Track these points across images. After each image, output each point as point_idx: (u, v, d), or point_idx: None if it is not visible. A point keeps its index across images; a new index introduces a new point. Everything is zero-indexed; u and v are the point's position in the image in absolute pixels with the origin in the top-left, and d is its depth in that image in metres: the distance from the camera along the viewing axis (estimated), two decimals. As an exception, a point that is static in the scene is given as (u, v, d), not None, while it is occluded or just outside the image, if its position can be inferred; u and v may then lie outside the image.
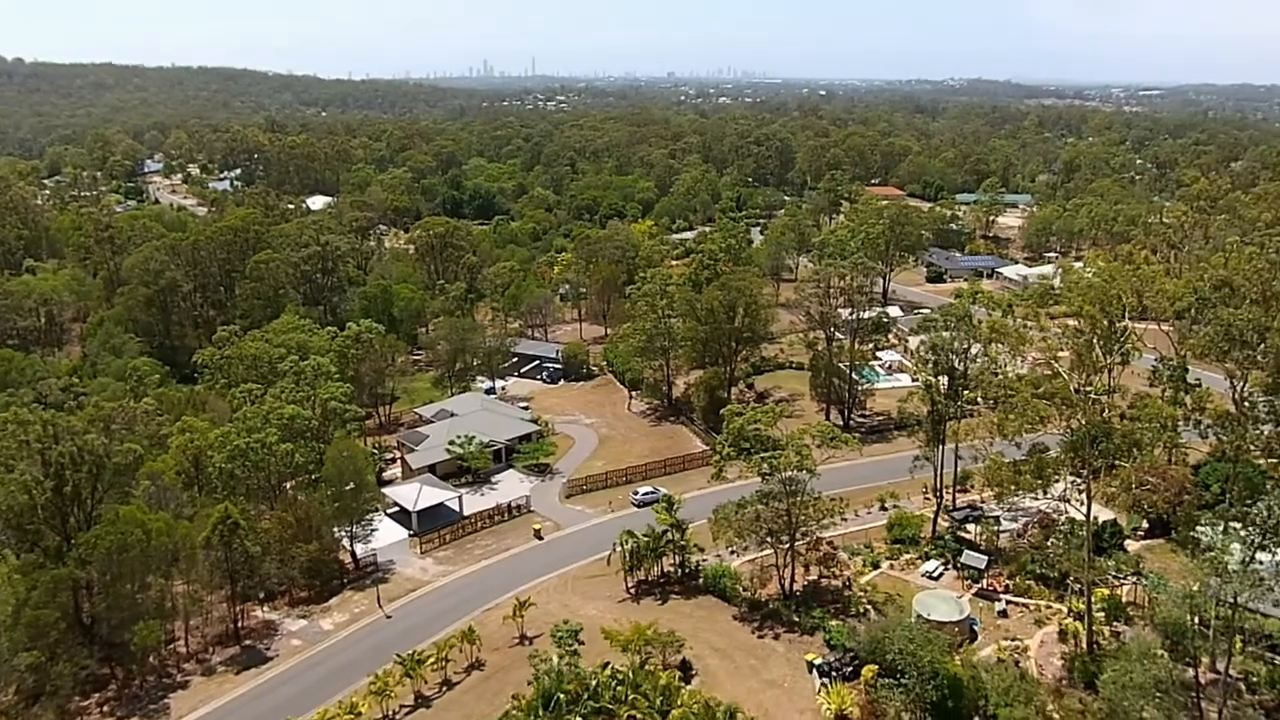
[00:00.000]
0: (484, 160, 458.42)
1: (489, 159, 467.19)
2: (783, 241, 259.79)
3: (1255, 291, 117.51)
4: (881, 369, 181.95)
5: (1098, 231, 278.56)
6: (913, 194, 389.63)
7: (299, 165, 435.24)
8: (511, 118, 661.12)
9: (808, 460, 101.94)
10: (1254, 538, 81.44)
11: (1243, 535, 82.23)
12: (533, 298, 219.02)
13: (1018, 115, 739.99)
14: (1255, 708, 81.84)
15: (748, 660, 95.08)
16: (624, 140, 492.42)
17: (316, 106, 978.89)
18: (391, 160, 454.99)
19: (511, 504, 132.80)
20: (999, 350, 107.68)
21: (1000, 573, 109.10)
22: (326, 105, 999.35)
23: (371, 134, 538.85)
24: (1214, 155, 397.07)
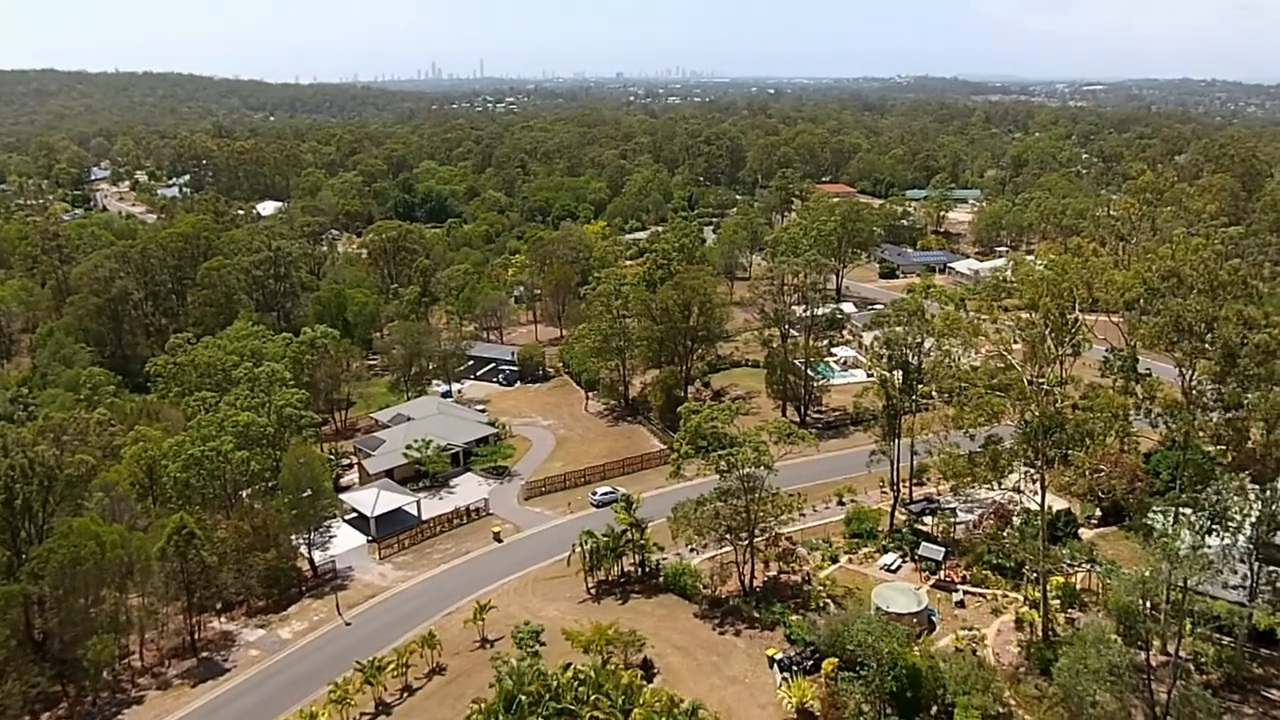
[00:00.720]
0: (435, 163, 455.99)
1: (440, 162, 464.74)
2: (736, 240, 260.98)
3: (1202, 282, 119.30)
4: (837, 365, 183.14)
5: (1047, 225, 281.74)
6: (864, 191, 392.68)
7: (248, 171, 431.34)
8: (461, 120, 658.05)
9: (765, 457, 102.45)
10: (1203, 523, 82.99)
11: (1192, 520, 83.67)
12: (487, 300, 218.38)
13: (965, 111, 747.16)
14: (1203, 687, 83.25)
15: (709, 657, 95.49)
16: (575, 141, 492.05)
17: (264, 111, 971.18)
18: (342, 164, 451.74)
19: (470, 507, 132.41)
20: (952, 344, 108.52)
21: (957, 564, 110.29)
22: (274, 110, 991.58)
23: (321, 138, 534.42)
24: (1158, 149, 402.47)
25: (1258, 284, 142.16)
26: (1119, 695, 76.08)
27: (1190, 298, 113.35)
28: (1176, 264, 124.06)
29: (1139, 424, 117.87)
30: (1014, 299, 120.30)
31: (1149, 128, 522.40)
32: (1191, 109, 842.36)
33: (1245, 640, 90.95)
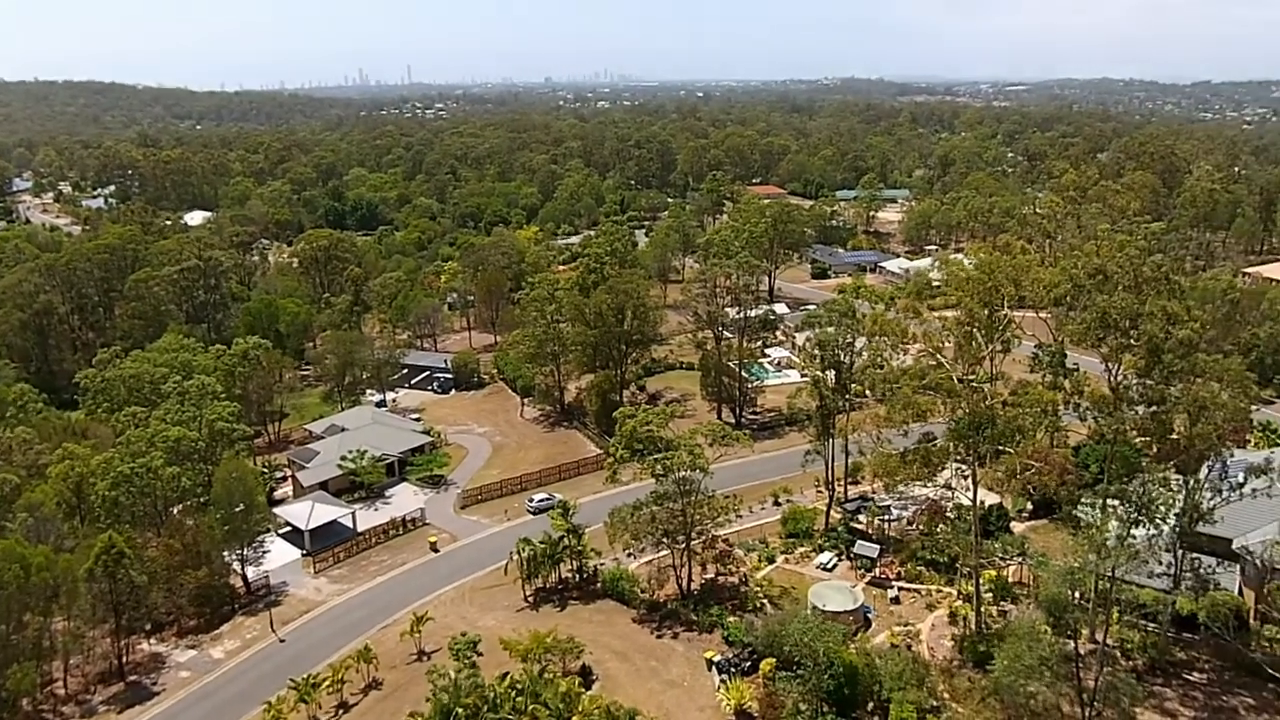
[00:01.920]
0: (365, 170, 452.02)
1: (370, 169, 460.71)
2: (668, 243, 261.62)
3: (1127, 278, 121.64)
4: (770, 366, 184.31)
5: (975, 224, 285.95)
6: (794, 192, 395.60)
7: (175, 180, 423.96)
8: (390, 126, 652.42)
9: (701, 459, 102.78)
10: (1130, 514, 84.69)
11: (1120, 512, 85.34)
12: (420, 308, 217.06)
13: (892, 112, 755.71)
14: (1128, 672, 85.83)
15: (648, 662, 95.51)
16: (505, 147, 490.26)
17: (190, 120, 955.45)
18: (270, 173, 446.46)
19: (406, 517, 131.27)
20: (882, 344, 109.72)
21: (892, 561, 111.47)
22: (201, 118, 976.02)
23: (248, 146, 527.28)
24: (1081, 147, 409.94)
25: (1179, 279, 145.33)
26: (1049, 685, 77.45)
27: (1116, 294, 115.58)
28: (1102, 261, 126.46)
29: (1067, 418, 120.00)
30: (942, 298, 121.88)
31: (1071, 126, 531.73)
32: (1111, 108, 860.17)
33: (1169, 626, 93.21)
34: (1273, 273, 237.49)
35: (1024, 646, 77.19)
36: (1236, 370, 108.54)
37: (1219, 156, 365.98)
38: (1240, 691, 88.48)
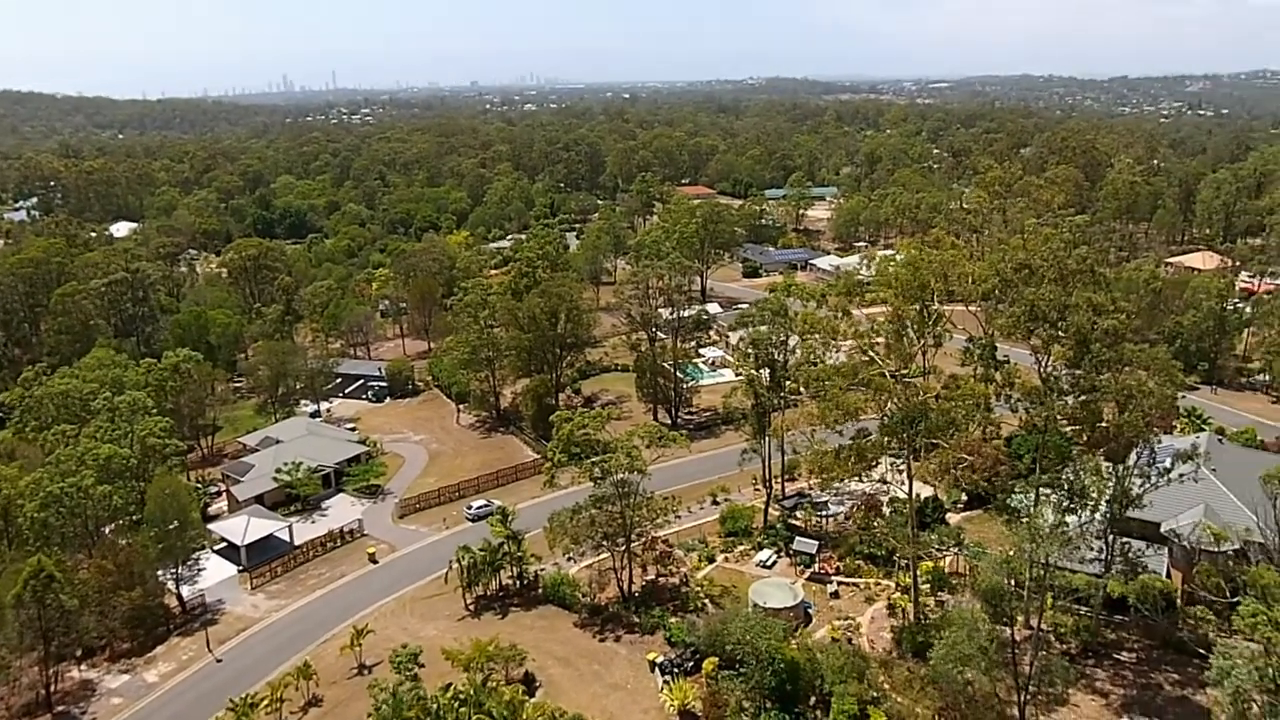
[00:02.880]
0: (292, 178, 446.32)
1: (297, 176, 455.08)
2: (599, 245, 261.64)
3: (1053, 271, 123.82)
4: (705, 366, 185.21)
5: (903, 220, 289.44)
6: (723, 192, 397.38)
7: (99, 191, 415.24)
8: (317, 133, 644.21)
9: (638, 461, 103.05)
10: (1063, 501, 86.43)
11: (1053, 500, 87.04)
12: (353, 316, 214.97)
13: (817, 111, 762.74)
14: (1062, 655, 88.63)
15: (591, 666, 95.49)
16: (433, 151, 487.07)
17: (112, 129, 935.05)
18: (197, 182, 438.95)
19: (344, 529, 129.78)
20: (815, 341, 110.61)
21: (831, 556, 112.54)
22: (123, 127, 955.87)
23: (173, 155, 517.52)
24: (1005, 142, 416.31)
25: (1104, 271, 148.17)
26: (986, 672, 78.86)
27: (1042, 287, 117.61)
28: (1028, 255, 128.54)
29: (1000, 410, 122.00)
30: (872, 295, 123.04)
31: (994, 123, 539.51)
32: (1032, 104, 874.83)
33: (1100, 609, 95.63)
34: (1194, 262, 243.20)
35: (961, 635, 78.33)
36: (1162, 358, 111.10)
37: (1139, 150, 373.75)
38: (1167, 669, 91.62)
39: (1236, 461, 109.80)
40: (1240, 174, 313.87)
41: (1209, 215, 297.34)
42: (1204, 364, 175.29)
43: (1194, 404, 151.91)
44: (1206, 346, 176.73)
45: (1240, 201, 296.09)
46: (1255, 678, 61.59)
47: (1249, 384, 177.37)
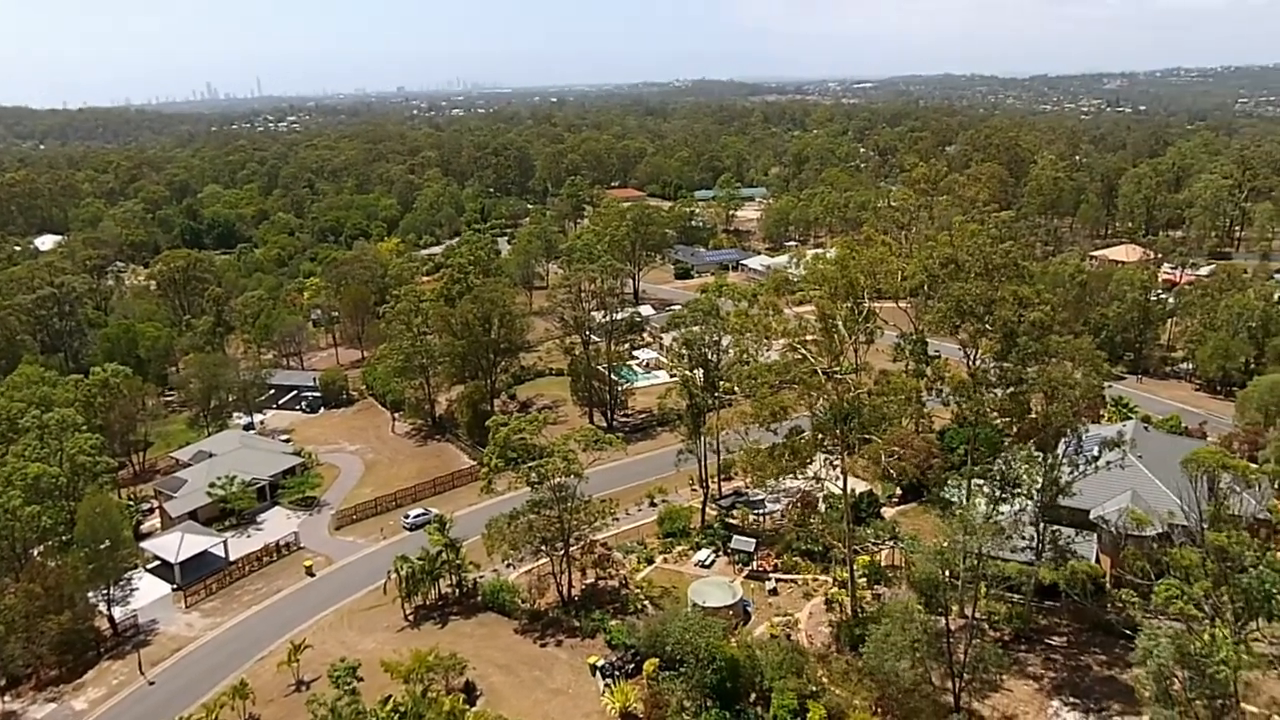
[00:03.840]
0: (220, 187, 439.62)
1: (225, 185, 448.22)
2: (531, 250, 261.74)
3: (979, 266, 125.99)
4: (640, 368, 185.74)
5: (832, 219, 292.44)
6: (653, 194, 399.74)
7: (21, 203, 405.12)
8: (243, 141, 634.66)
9: (575, 465, 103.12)
10: (994, 492, 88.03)
11: (985, 491, 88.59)
12: (284, 326, 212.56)
13: (744, 112, 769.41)
14: (995, 642, 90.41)
15: (531, 672, 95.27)
16: (361, 158, 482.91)
17: (33, 139, 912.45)
18: (122, 193, 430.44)
19: (280, 542, 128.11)
20: (747, 340, 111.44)
21: (768, 553, 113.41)
22: (44, 137, 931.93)
23: (97, 166, 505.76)
24: (929, 140, 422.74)
25: (1028, 265, 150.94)
26: (921, 662, 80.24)
27: (969, 282, 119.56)
28: (954, 251, 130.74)
29: (932, 404, 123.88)
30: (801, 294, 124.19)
31: (919, 121, 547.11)
32: (956, 102, 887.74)
33: (1032, 596, 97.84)
34: (1117, 255, 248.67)
35: (896, 627, 79.61)
36: (1087, 349, 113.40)
37: (1061, 146, 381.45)
38: (1096, 650, 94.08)
39: (1162, 448, 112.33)
40: (1159, 168, 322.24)
41: (1131, 209, 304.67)
42: (1129, 354, 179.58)
43: (1121, 393, 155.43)
44: (1131, 337, 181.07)
45: (1160, 195, 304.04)
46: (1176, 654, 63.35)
47: (1173, 372, 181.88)
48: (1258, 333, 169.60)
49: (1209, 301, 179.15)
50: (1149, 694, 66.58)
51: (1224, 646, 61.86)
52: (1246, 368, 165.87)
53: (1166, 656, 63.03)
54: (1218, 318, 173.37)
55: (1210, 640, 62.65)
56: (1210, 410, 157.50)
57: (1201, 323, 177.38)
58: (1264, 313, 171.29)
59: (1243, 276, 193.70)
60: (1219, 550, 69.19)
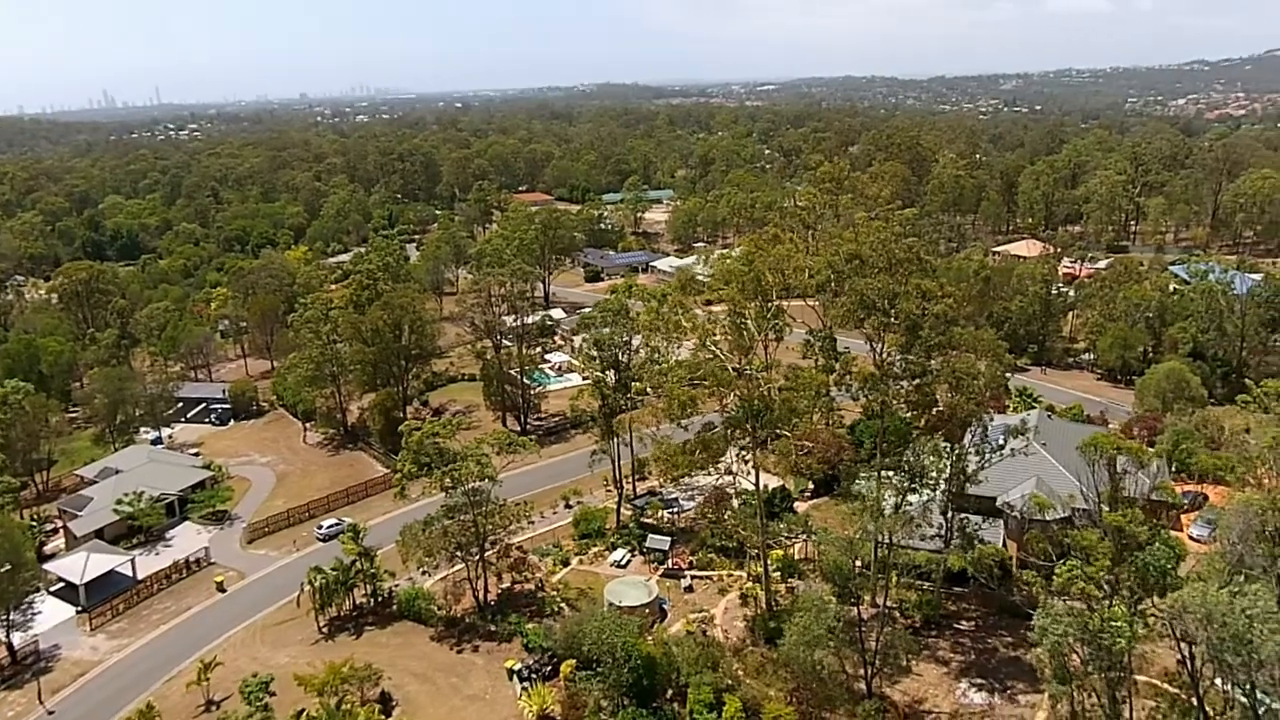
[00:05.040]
0: (121, 197, 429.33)
1: (126, 196, 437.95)
2: (440, 255, 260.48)
3: (882, 260, 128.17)
4: (552, 371, 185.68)
5: (739, 219, 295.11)
6: (561, 198, 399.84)
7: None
8: (144, 150, 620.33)
9: (488, 468, 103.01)
10: (904, 482, 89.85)
11: (895, 482, 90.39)
12: (192, 338, 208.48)
13: (650, 115, 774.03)
14: (907, 629, 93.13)
15: (448, 679, 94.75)
16: (266, 166, 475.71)
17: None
18: (19, 204, 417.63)
19: (190, 559, 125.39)
20: (657, 339, 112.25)
21: (683, 551, 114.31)
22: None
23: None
24: (833, 141, 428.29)
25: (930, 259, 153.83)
26: (835, 652, 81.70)
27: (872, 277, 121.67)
28: (858, 246, 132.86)
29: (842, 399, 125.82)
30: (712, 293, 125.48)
31: (822, 122, 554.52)
32: (857, 103, 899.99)
33: (941, 583, 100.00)
34: (1019, 250, 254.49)
35: (810, 618, 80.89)
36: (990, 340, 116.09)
37: (961, 145, 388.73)
38: (1002, 633, 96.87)
39: (1065, 436, 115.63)
40: (1056, 166, 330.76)
41: (1030, 205, 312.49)
42: (1033, 346, 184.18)
43: (1025, 384, 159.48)
44: (1034, 330, 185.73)
45: (1058, 192, 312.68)
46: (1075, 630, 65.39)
47: (1075, 363, 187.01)
48: (1154, 323, 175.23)
49: (1107, 293, 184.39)
50: (1048, 671, 68.59)
51: (1121, 621, 63.97)
52: (1144, 357, 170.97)
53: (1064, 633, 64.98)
54: (1116, 309, 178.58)
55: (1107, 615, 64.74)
56: (1111, 398, 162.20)
57: (1101, 314, 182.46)
58: (1160, 303, 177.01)
59: (1139, 269, 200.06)
60: (1116, 529, 71.52)
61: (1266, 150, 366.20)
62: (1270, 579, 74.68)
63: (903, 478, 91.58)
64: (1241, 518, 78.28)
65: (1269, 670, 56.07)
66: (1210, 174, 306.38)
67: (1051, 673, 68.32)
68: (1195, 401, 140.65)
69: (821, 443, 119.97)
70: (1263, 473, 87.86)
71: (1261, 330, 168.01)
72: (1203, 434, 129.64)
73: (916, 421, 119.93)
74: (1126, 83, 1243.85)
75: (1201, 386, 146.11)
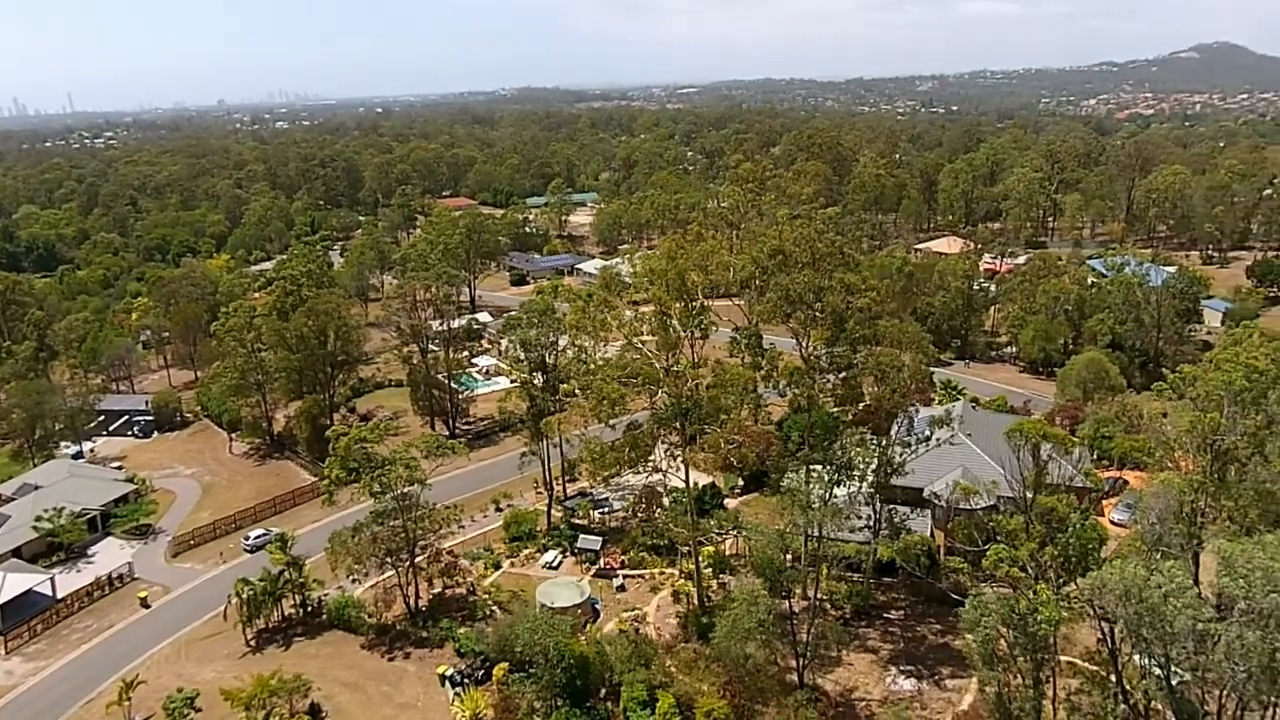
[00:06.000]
0: (36, 207, 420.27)
1: (41, 205, 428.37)
2: (364, 261, 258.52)
3: (806, 255, 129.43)
4: (480, 375, 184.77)
5: (663, 220, 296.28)
6: (484, 202, 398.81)
7: None
8: (59, 159, 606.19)
9: (417, 472, 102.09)
10: (832, 474, 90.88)
11: (823, 474, 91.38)
12: (113, 349, 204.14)
13: (572, 119, 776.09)
14: (837, 620, 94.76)
15: (379, 687, 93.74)
16: (185, 174, 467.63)
17: None
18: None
19: (112, 575, 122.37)
20: (584, 339, 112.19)
21: (615, 550, 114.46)
22: None
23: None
24: (754, 142, 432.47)
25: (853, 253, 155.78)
26: (766, 644, 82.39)
27: (797, 271, 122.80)
28: (781, 242, 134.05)
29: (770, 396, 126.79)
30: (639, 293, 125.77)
31: (743, 124, 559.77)
32: (778, 105, 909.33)
33: (871, 573, 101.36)
34: (940, 247, 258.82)
35: (741, 612, 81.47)
36: (914, 333, 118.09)
37: (881, 145, 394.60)
38: (930, 620, 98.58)
39: (990, 426, 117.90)
40: (975, 164, 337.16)
41: (950, 203, 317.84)
42: (956, 341, 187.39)
43: (949, 377, 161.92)
44: (957, 324, 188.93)
45: (977, 189, 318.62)
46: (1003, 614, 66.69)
47: (998, 357, 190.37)
48: (1074, 315, 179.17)
49: (1028, 288, 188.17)
50: (976, 656, 69.83)
51: (1046, 603, 65.30)
52: (1065, 348, 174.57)
53: (992, 621, 66.27)
54: (1037, 303, 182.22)
55: (1033, 598, 66.09)
56: (1034, 390, 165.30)
57: (1022, 308, 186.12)
58: (1079, 296, 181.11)
59: (1058, 263, 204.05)
60: (1044, 512, 73.05)
61: (1176, 148, 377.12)
62: (1187, 557, 77.04)
63: (831, 471, 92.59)
64: (1160, 499, 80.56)
65: (1181, 643, 57.64)
66: (1123, 170, 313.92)
67: (979, 658, 69.58)
68: (1115, 390, 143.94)
69: (750, 438, 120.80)
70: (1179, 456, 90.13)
71: (1176, 320, 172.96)
72: (1122, 421, 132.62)
73: (844, 415, 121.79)
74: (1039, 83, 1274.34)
75: (1120, 376, 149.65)
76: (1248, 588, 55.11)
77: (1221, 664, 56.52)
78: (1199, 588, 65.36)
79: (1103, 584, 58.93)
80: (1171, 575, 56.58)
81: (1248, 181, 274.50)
